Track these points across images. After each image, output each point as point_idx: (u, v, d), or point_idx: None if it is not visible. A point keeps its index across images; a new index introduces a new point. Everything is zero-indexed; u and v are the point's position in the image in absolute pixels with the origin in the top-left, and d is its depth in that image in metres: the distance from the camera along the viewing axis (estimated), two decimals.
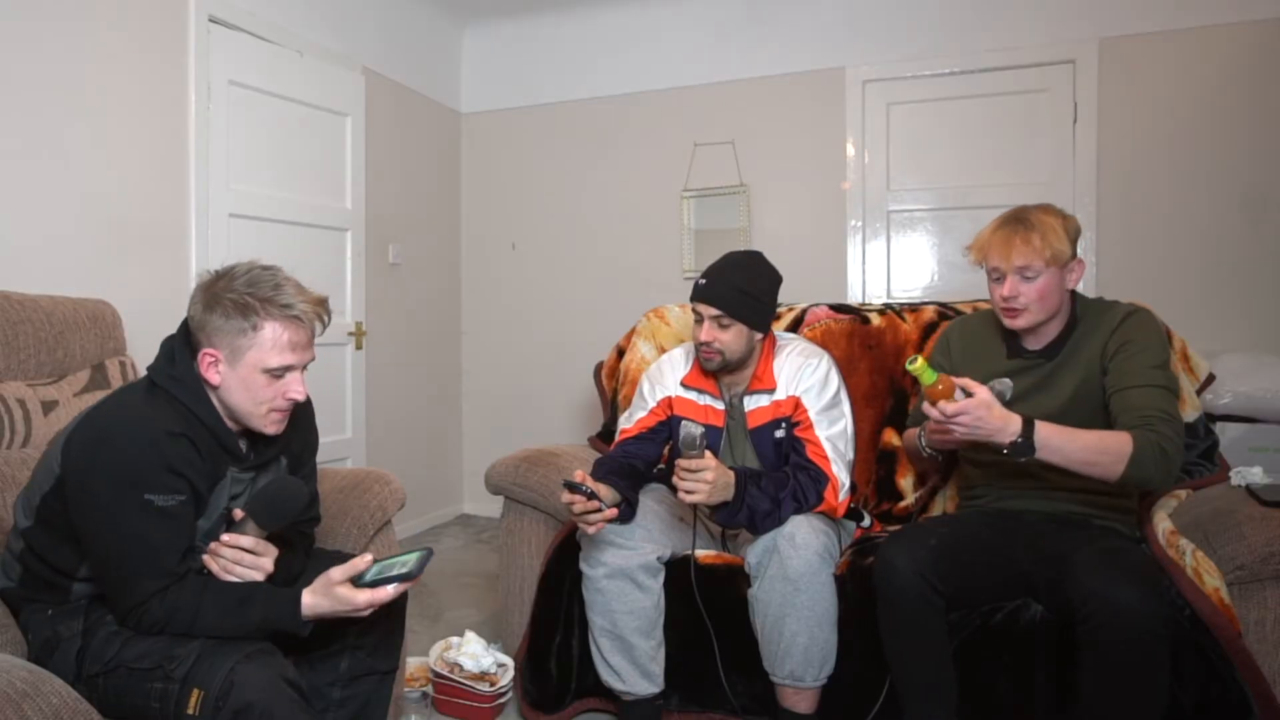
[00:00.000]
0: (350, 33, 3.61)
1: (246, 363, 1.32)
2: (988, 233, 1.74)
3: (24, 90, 2.33)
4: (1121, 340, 1.68)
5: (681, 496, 1.72)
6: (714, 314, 1.88)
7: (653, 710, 1.91)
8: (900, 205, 3.66)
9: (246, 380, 1.33)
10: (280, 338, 1.32)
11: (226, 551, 1.33)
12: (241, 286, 1.31)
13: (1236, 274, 3.17)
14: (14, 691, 1.04)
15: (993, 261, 1.71)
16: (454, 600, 3.03)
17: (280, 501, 1.37)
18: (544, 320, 4.29)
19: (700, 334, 1.90)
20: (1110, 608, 1.39)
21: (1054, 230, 1.67)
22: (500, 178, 4.39)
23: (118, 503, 1.26)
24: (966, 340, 1.93)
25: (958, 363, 1.90)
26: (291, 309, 1.33)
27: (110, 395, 1.40)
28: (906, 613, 1.60)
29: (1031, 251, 1.65)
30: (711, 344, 1.89)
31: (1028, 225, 1.68)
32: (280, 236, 3.17)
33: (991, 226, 1.74)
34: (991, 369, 1.81)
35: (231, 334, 1.31)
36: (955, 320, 2.08)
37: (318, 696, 1.49)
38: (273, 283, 1.33)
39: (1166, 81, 3.27)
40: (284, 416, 1.40)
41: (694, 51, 3.95)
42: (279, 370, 1.34)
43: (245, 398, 1.34)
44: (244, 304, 1.30)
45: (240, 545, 1.33)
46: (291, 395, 1.37)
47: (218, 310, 1.31)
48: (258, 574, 1.33)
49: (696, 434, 1.68)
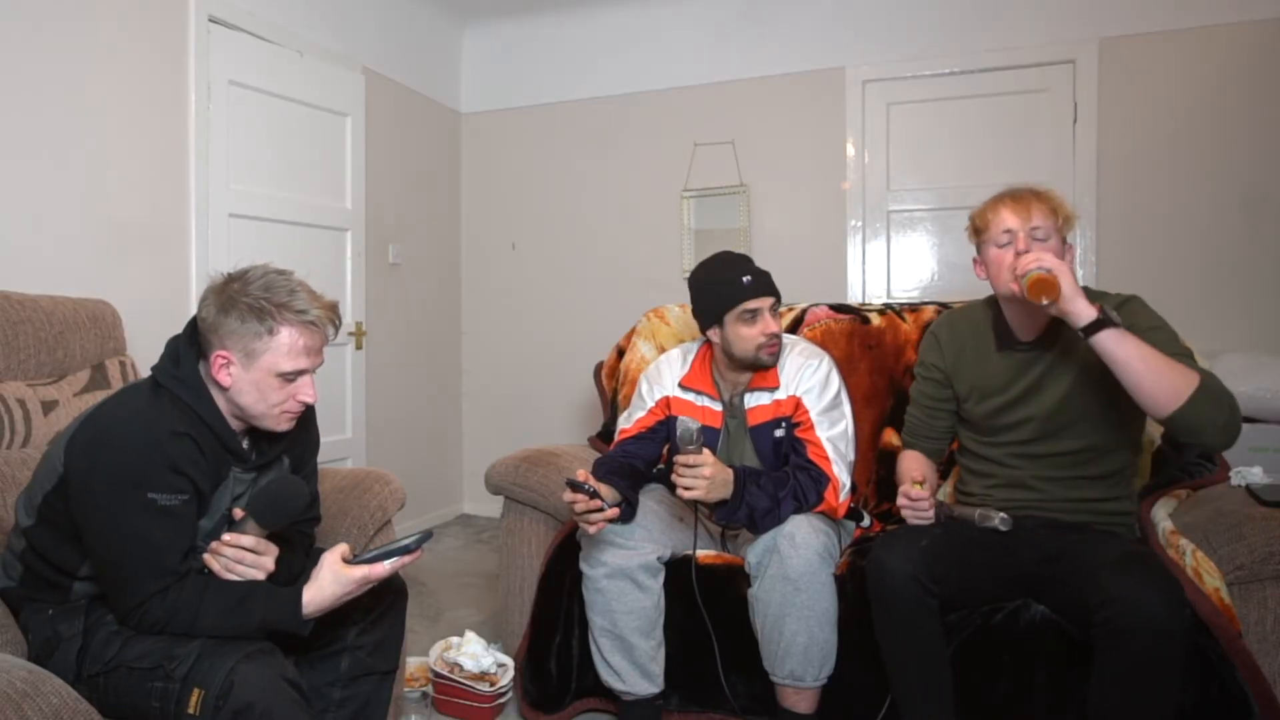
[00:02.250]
0: (350, 33, 3.61)
1: (260, 366, 1.33)
2: (994, 199, 1.71)
3: (24, 90, 2.33)
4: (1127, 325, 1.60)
5: (680, 493, 1.73)
6: (771, 303, 1.90)
7: (653, 710, 1.91)
8: (900, 205, 3.66)
9: (259, 383, 1.34)
10: (296, 343, 1.34)
11: (228, 551, 1.33)
12: (257, 291, 1.32)
13: (1236, 274, 3.17)
14: (14, 691, 1.04)
15: (1006, 223, 1.65)
16: (454, 600, 3.03)
17: (282, 500, 1.38)
18: (544, 320, 4.29)
19: (769, 325, 1.89)
20: (1134, 611, 1.37)
21: (1059, 199, 1.68)
22: (500, 178, 4.39)
23: (120, 502, 1.26)
24: (955, 336, 1.89)
25: (950, 360, 1.87)
26: (307, 314, 1.34)
27: (114, 395, 1.40)
28: (900, 614, 1.60)
29: (1046, 210, 1.64)
30: (779, 333, 1.91)
31: (1035, 191, 1.67)
32: (280, 236, 3.17)
33: (996, 196, 1.72)
34: (984, 363, 1.80)
35: (247, 337, 1.32)
36: (940, 317, 2.01)
37: (318, 696, 1.49)
38: (288, 288, 1.34)
39: (1166, 81, 3.27)
40: (294, 416, 1.42)
41: (694, 51, 3.95)
42: (292, 374, 1.35)
43: (257, 399, 1.35)
44: (260, 308, 1.31)
45: (241, 544, 1.33)
46: (303, 398, 1.38)
47: (233, 313, 1.32)
48: (259, 573, 1.34)
49: (694, 429, 1.68)
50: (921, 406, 1.94)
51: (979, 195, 1.79)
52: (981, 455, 1.84)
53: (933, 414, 1.92)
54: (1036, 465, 1.75)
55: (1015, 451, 1.77)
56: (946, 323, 1.95)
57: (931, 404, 1.92)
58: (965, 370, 1.84)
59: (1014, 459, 1.77)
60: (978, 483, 1.85)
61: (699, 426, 1.70)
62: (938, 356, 1.90)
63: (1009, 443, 1.78)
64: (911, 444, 1.97)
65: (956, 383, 1.86)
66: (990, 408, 1.78)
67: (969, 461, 1.89)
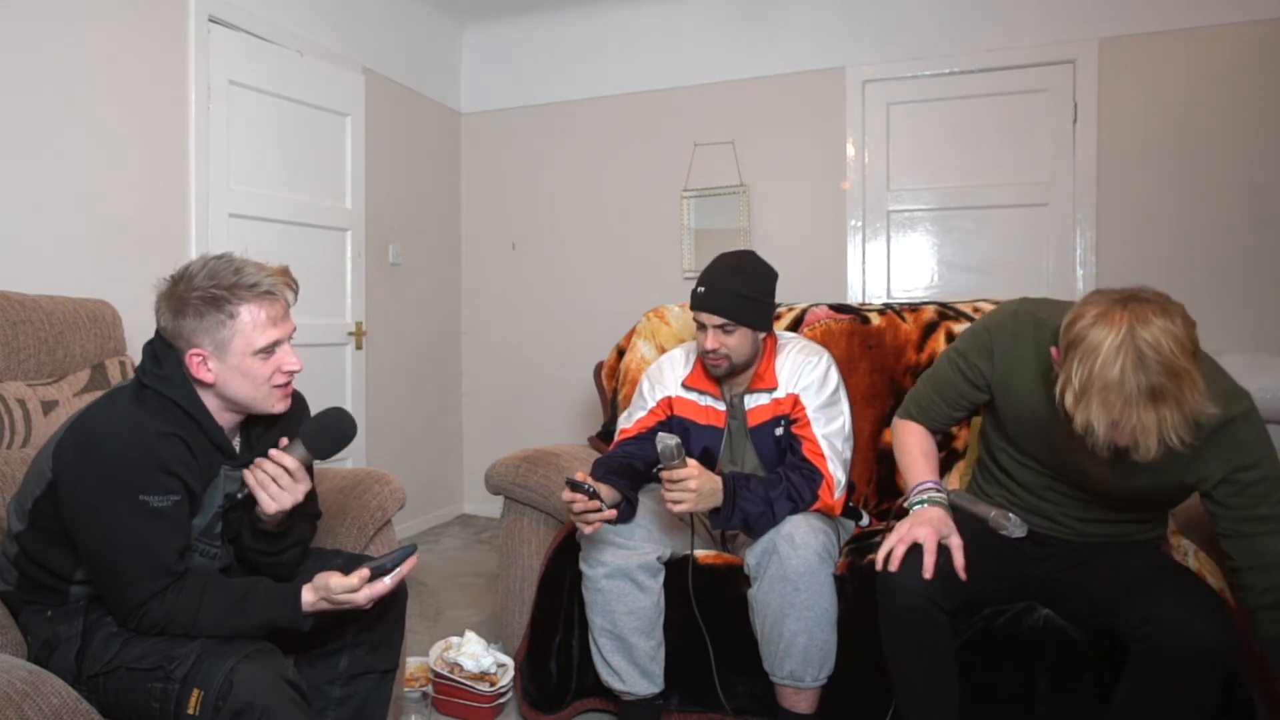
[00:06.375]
0: (350, 33, 3.61)
1: (235, 351, 1.33)
2: (1107, 384, 1.24)
3: (24, 90, 2.33)
4: (1229, 469, 1.38)
5: (669, 507, 1.72)
6: (718, 322, 1.86)
7: (652, 710, 1.91)
8: (900, 205, 3.66)
9: (240, 367, 1.34)
10: (259, 317, 1.33)
11: (268, 466, 1.35)
12: (203, 282, 1.32)
13: (1237, 274, 3.17)
14: (14, 692, 1.04)
15: (1123, 440, 1.28)
16: (454, 600, 3.03)
17: (335, 429, 1.41)
18: (544, 320, 4.29)
19: (706, 342, 1.89)
20: (1180, 631, 1.33)
21: (1190, 413, 1.24)
22: (500, 178, 4.39)
23: (112, 506, 1.26)
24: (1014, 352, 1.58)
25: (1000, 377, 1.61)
26: (260, 286, 1.34)
27: (99, 399, 1.38)
28: (910, 626, 1.54)
29: (1173, 430, 1.24)
30: (718, 351, 1.88)
31: (1164, 403, 1.23)
32: (280, 236, 3.17)
33: (1115, 377, 1.24)
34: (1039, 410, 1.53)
35: (211, 329, 1.32)
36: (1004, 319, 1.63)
37: (317, 695, 1.49)
38: (232, 268, 1.34)
39: (1166, 81, 3.27)
40: (287, 392, 1.42)
41: (694, 51, 3.95)
42: (268, 347, 1.35)
43: (245, 384, 1.35)
44: (213, 297, 1.31)
45: (284, 464, 1.35)
46: (287, 367, 1.38)
47: (189, 313, 1.31)
48: (289, 497, 1.35)
49: (673, 445, 1.65)
50: (945, 396, 1.72)
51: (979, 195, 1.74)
52: (1009, 472, 1.68)
53: (954, 407, 1.73)
54: (1069, 504, 1.62)
55: (1048, 485, 1.62)
56: (1010, 330, 1.59)
57: (957, 398, 1.71)
58: (1013, 398, 1.60)
59: (1045, 490, 1.63)
60: (1000, 492, 1.72)
61: (677, 442, 1.67)
62: (986, 363, 1.62)
63: (1044, 474, 1.62)
64: (914, 417, 1.79)
65: (999, 400, 1.63)
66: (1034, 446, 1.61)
67: (993, 467, 1.73)
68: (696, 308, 1.89)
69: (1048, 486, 1.63)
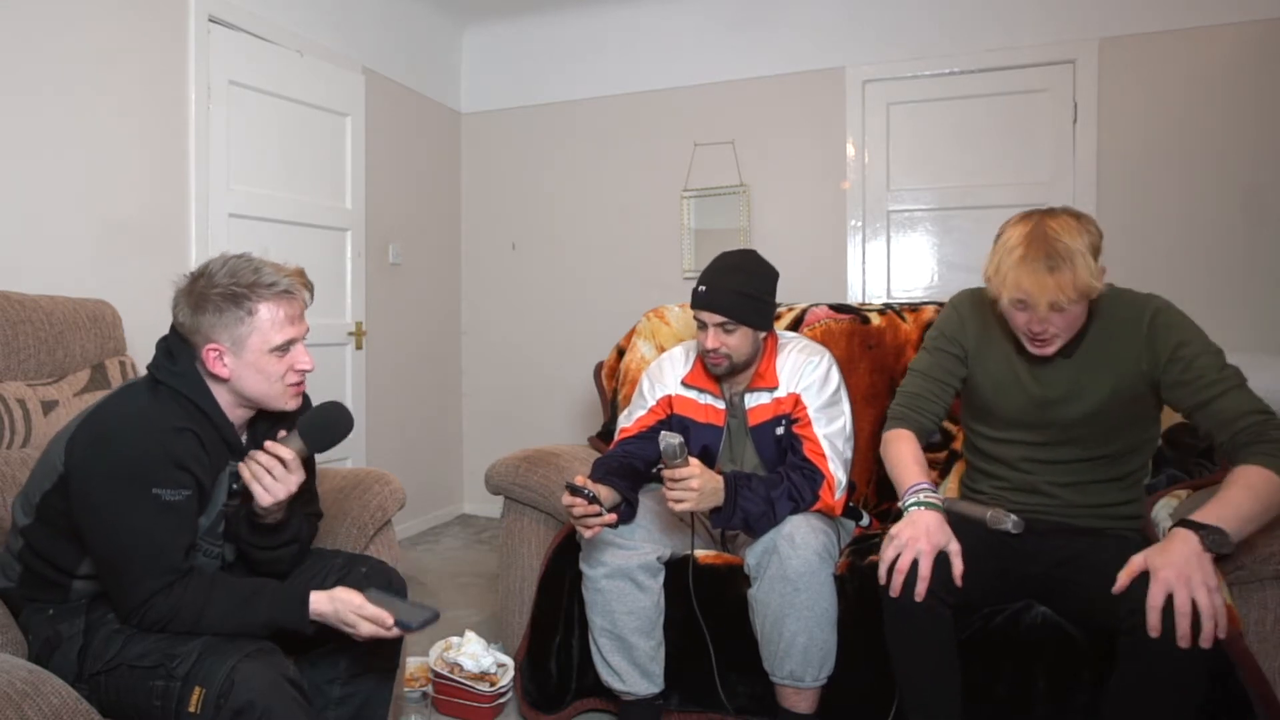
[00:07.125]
0: (350, 33, 3.61)
1: (251, 347, 1.35)
2: (1011, 264, 1.54)
3: (24, 90, 2.33)
4: (1170, 347, 1.57)
5: (670, 506, 1.72)
6: (718, 321, 1.86)
7: (653, 710, 1.91)
8: (900, 205, 3.66)
9: (256, 364, 1.36)
10: (277, 315, 1.36)
11: (262, 457, 1.36)
12: (224, 279, 1.34)
13: (1237, 274, 3.17)
14: (14, 691, 1.04)
15: (1019, 295, 1.55)
16: (454, 600, 3.03)
17: (331, 423, 1.42)
18: (544, 320, 4.29)
19: (706, 341, 1.89)
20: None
21: (1083, 262, 1.51)
22: (500, 178, 4.39)
23: (124, 499, 1.27)
24: (979, 316, 1.78)
25: (973, 342, 1.77)
26: (278, 285, 1.36)
27: (113, 393, 1.40)
28: (914, 626, 1.55)
29: (1066, 290, 1.50)
30: (718, 350, 1.88)
31: (1057, 259, 1.50)
32: (280, 236, 3.17)
33: (1015, 256, 1.54)
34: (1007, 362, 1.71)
35: (230, 325, 1.34)
36: (962, 294, 1.87)
37: (317, 694, 1.49)
38: (251, 267, 1.37)
39: (1166, 81, 3.27)
40: (299, 390, 1.44)
41: (694, 51, 3.95)
42: (284, 345, 1.37)
43: (259, 380, 1.37)
44: (233, 294, 1.33)
45: (279, 455, 1.36)
46: (300, 366, 1.41)
47: (208, 309, 1.34)
48: (283, 488, 1.36)
49: (675, 444, 1.65)
50: (931, 379, 1.81)
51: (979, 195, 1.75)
52: (993, 455, 1.78)
53: (942, 387, 1.80)
54: (1052, 470, 1.70)
55: (1030, 455, 1.72)
56: (971, 300, 1.82)
57: (943, 375, 1.80)
58: (987, 360, 1.75)
59: (1028, 463, 1.72)
60: (988, 483, 1.80)
61: (680, 440, 1.67)
62: (959, 331, 1.79)
63: (1025, 443, 1.72)
64: (904, 418, 1.83)
65: (974, 366, 1.77)
66: (1011, 405, 1.71)
67: (978, 461, 1.83)
68: (697, 306, 1.89)
69: (1028, 458, 1.72)
